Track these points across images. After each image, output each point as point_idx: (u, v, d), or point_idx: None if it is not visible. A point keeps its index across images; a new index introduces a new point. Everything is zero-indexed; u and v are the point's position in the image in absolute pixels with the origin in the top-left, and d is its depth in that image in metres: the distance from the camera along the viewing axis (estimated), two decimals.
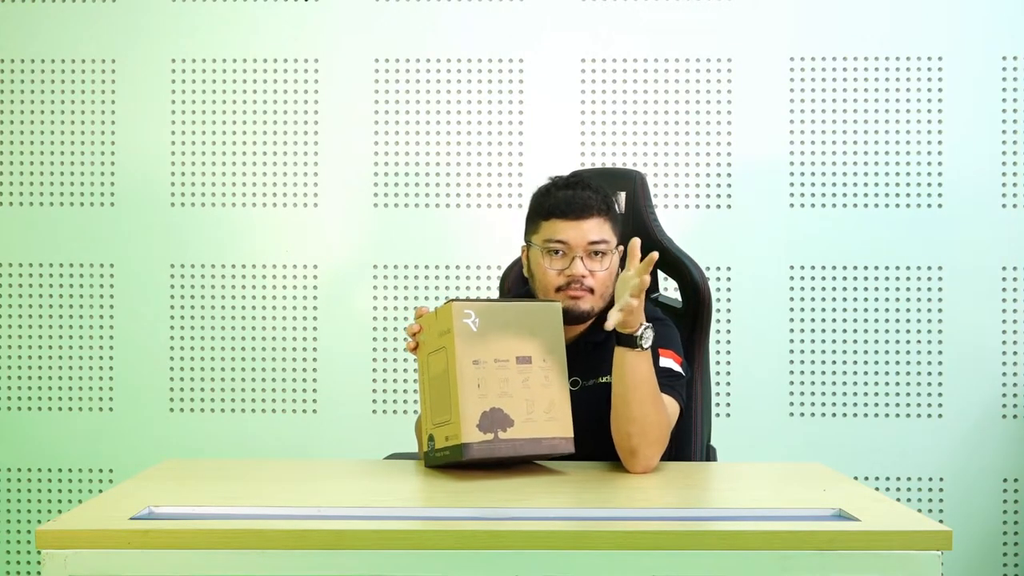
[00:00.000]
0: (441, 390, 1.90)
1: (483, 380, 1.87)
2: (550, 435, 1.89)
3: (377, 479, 1.94)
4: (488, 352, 1.88)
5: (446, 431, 1.89)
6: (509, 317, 1.90)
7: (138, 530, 1.53)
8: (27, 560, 3.30)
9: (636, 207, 2.40)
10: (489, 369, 1.87)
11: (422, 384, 1.98)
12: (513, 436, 1.87)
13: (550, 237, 2.08)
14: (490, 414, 1.87)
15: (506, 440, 1.86)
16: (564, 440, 1.90)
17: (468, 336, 1.87)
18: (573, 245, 2.07)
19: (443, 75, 3.30)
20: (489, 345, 1.88)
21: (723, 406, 3.24)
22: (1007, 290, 3.23)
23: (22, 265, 3.32)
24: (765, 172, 3.27)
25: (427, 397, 1.97)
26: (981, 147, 3.24)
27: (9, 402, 3.31)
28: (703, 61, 3.28)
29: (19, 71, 3.32)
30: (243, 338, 3.30)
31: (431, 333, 1.94)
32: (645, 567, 1.52)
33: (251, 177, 3.31)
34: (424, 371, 1.98)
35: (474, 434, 1.85)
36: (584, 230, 2.07)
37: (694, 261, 2.37)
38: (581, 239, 2.07)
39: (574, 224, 2.07)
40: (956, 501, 3.22)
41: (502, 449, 1.86)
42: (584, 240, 2.07)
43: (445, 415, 1.89)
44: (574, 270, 2.06)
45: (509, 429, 1.87)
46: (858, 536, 1.54)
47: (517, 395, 1.88)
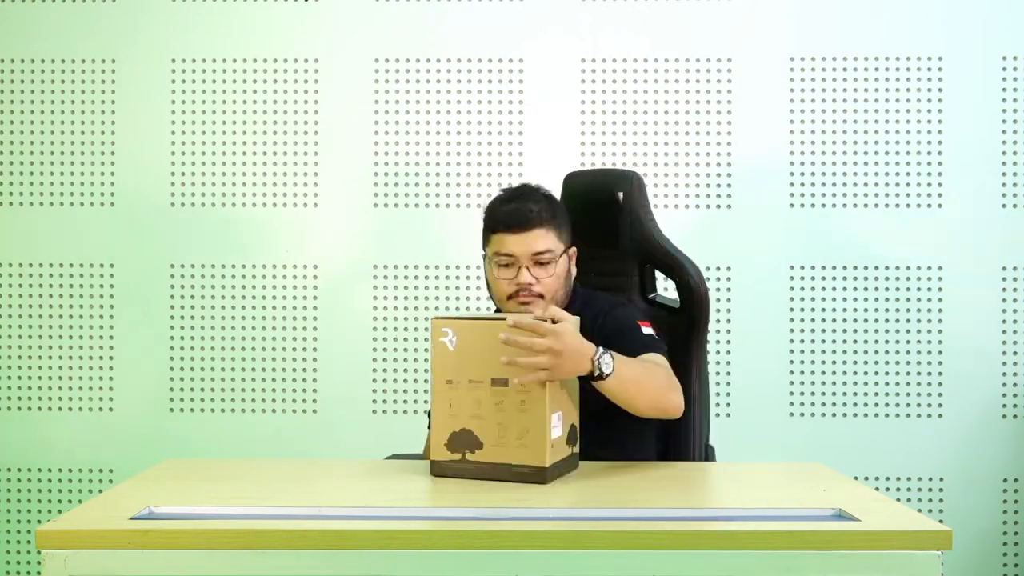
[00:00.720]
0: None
1: (455, 400, 1.87)
2: (519, 462, 1.84)
3: (377, 479, 1.94)
4: (462, 372, 1.86)
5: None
6: (491, 336, 1.85)
7: (138, 530, 1.53)
8: (27, 560, 3.30)
9: (633, 208, 2.40)
10: (462, 390, 1.86)
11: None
12: (481, 459, 1.86)
13: (498, 250, 2.18)
14: (459, 435, 1.86)
15: (473, 462, 1.86)
16: (535, 470, 1.82)
17: (443, 355, 1.87)
18: (519, 256, 2.16)
19: (443, 75, 3.30)
20: (464, 365, 1.86)
21: (723, 406, 3.24)
22: (1007, 290, 3.23)
23: (22, 265, 3.32)
24: (765, 172, 3.27)
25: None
26: (981, 147, 3.24)
27: (9, 402, 3.31)
28: (703, 61, 3.28)
29: (19, 71, 3.32)
30: (243, 338, 3.30)
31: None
32: (645, 567, 1.52)
33: (251, 177, 3.31)
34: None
35: (442, 452, 1.87)
36: (528, 242, 2.16)
37: (692, 261, 2.37)
38: (526, 250, 2.16)
39: (519, 237, 2.16)
40: (956, 501, 3.22)
41: (469, 471, 1.86)
42: (529, 251, 2.16)
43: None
44: (521, 279, 2.16)
45: (478, 451, 1.86)
46: (858, 536, 1.54)
47: (489, 418, 1.86)
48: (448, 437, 1.87)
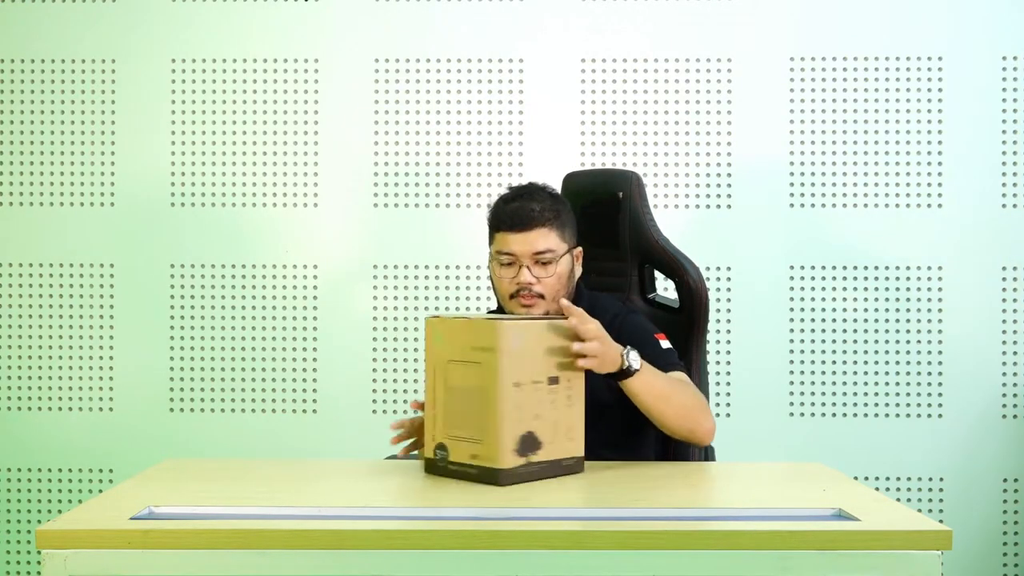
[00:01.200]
0: (469, 405, 1.87)
1: (522, 403, 1.85)
2: (566, 456, 1.90)
3: (377, 479, 1.94)
4: (527, 374, 1.86)
5: (474, 449, 1.86)
6: (543, 336, 1.89)
7: (138, 530, 1.53)
8: (27, 560, 3.30)
9: (632, 208, 2.40)
10: (527, 391, 1.86)
11: (434, 390, 1.93)
12: (540, 459, 1.87)
13: (500, 249, 2.18)
14: (526, 438, 1.85)
15: (536, 463, 1.86)
16: (577, 460, 1.92)
17: (512, 356, 1.84)
18: (520, 255, 2.16)
19: (443, 75, 3.30)
20: (527, 366, 1.86)
21: (723, 406, 3.24)
22: (1007, 290, 3.23)
23: (22, 265, 3.32)
24: (765, 172, 3.27)
25: (441, 405, 1.91)
26: (981, 147, 3.24)
27: (9, 402, 3.31)
28: (703, 61, 3.28)
29: (19, 71, 3.32)
30: (243, 338, 3.30)
31: (454, 341, 1.89)
32: (645, 567, 1.52)
33: (251, 177, 3.31)
34: (439, 378, 1.92)
35: (510, 459, 1.83)
36: (529, 241, 2.15)
37: (691, 261, 2.38)
38: (527, 250, 2.15)
39: (520, 236, 2.16)
40: (956, 501, 3.22)
41: (532, 473, 1.86)
42: (530, 251, 2.15)
43: (473, 432, 1.86)
44: (522, 278, 2.16)
45: (538, 452, 1.87)
46: (858, 536, 1.54)
47: (547, 416, 1.88)
48: (518, 442, 1.84)
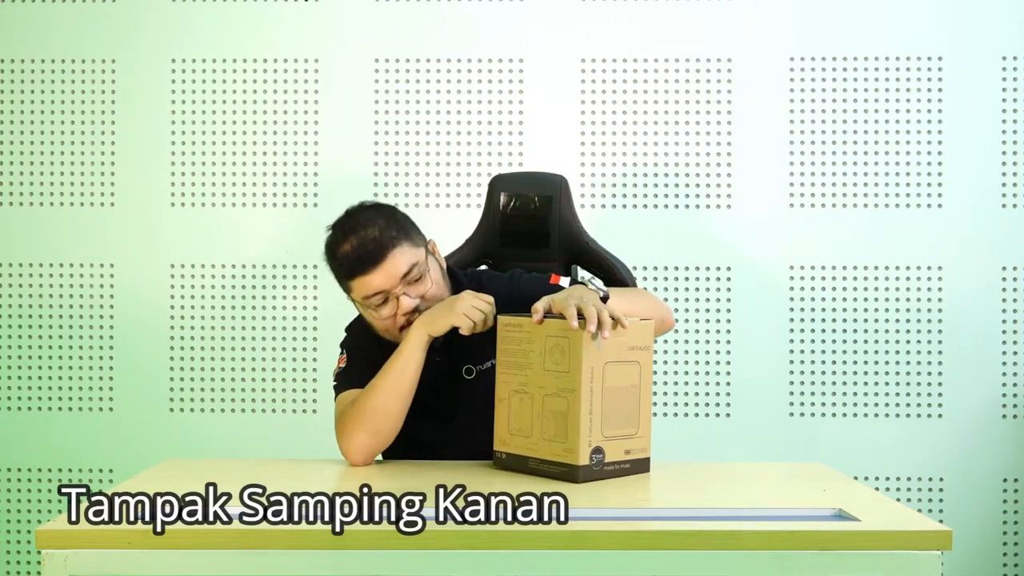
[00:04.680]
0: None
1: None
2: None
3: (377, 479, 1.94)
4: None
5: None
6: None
7: (138, 530, 1.53)
8: (27, 560, 3.30)
9: (561, 211, 2.47)
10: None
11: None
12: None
13: (365, 294, 2.04)
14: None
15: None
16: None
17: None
18: (390, 288, 2.03)
19: (443, 75, 3.30)
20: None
21: (723, 406, 3.24)
22: (1007, 290, 3.23)
23: (22, 265, 3.32)
24: (765, 172, 3.27)
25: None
26: (981, 147, 3.24)
27: (9, 402, 3.31)
28: (703, 61, 3.28)
29: (19, 71, 3.32)
30: (243, 338, 3.30)
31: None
32: (645, 567, 1.52)
33: (251, 177, 3.31)
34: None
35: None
36: (389, 271, 2.02)
37: (620, 261, 2.48)
38: (392, 279, 2.02)
39: (378, 271, 2.02)
40: (956, 501, 3.22)
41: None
42: (396, 278, 2.02)
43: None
44: (405, 307, 2.02)
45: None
46: (858, 536, 1.54)
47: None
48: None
